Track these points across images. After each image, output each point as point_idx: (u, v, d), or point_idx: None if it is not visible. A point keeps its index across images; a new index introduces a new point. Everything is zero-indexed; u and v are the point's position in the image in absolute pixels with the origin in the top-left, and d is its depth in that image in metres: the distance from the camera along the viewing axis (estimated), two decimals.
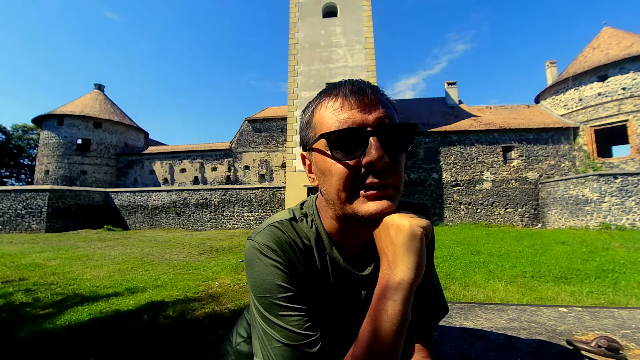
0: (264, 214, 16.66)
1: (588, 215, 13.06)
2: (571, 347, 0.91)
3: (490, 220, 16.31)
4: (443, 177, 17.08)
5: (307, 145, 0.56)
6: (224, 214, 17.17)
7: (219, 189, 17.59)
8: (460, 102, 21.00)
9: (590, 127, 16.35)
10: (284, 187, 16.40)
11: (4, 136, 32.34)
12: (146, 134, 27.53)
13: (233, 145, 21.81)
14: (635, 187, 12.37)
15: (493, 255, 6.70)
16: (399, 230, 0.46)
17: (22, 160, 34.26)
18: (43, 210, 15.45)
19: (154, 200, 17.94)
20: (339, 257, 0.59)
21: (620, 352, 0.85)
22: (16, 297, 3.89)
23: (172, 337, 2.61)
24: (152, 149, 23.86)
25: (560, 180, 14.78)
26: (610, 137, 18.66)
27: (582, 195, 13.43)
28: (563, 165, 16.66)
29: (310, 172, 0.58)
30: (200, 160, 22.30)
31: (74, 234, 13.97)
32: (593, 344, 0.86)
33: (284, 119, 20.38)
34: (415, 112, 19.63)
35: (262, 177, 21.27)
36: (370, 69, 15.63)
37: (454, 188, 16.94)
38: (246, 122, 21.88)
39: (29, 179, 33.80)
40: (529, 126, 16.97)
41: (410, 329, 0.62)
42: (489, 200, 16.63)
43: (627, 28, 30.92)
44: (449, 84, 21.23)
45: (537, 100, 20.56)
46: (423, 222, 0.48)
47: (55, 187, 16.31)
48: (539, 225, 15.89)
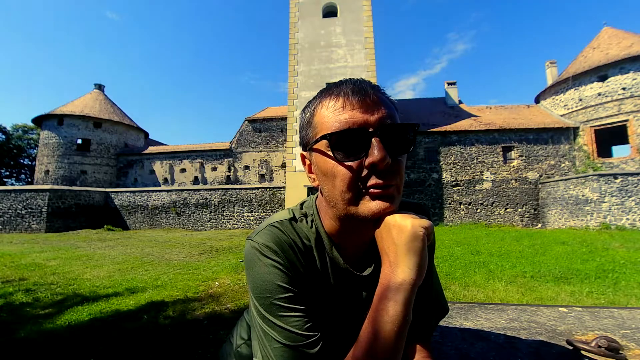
0: (264, 214, 16.66)
1: (588, 215, 13.06)
2: (571, 347, 0.91)
3: (490, 220, 16.31)
4: (443, 177, 17.08)
5: (307, 145, 0.55)
6: (224, 214, 17.17)
7: (219, 189, 17.59)
8: (460, 102, 21.00)
9: (590, 127, 16.35)
10: (284, 187, 16.40)
11: (4, 136, 32.36)
12: (146, 134, 27.54)
13: (233, 145, 21.81)
14: (635, 187, 12.37)
15: (493, 255, 6.70)
16: (400, 230, 0.46)
17: (22, 160, 34.28)
18: (43, 210, 15.45)
19: (154, 200, 17.94)
20: (338, 257, 0.59)
21: (620, 352, 0.85)
22: (16, 297, 3.89)
23: (172, 337, 2.61)
24: (152, 149, 23.86)
25: (560, 180, 14.78)
26: (610, 137, 18.66)
27: (582, 195, 13.43)
28: (563, 165, 16.65)
29: (310, 172, 0.57)
30: (200, 160, 22.30)
31: (74, 234, 13.97)
32: (593, 344, 0.86)
33: (284, 119, 20.39)
34: (415, 112, 19.63)
35: (262, 177, 21.28)
36: (370, 69, 15.64)
37: (454, 188, 16.94)
38: (246, 122, 21.88)
39: (29, 179, 33.81)
40: (529, 126, 16.97)
41: (410, 329, 0.62)
42: (489, 200, 16.63)
43: (627, 28, 30.94)
44: (449, 84, 21.23)
45: (537, 100, 20.56)
46: (425, 222, 0.47)
47: (55, 187, 16.31)
48: (539, 225, 15.89)
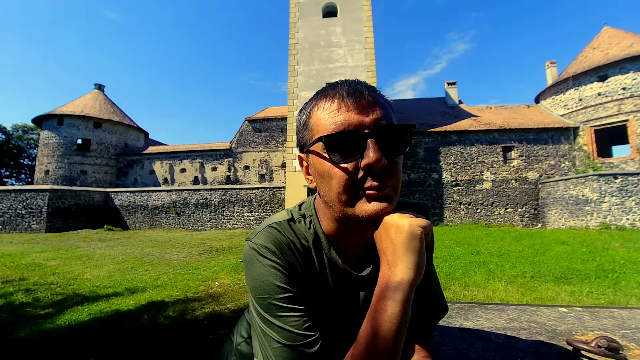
0: (264, 214, 16.66)
1: (588, 215, 13.06)
2: (571, 347, 0.91)
3: (490, 220, 16.31)
4: (443, 177, 17.07)
5: (304, 147, 0.55)
6: (224, 214, 17.17)
7: (219, 189, 17.58)
8: (460, 102, 21.00)
9: (590, 127, 16.35)
10: (284, 187, 16.40)
11: (4, 136, 32.35)
12: (146, 134, 27.54)
13: (233, 145, 21.81)
14: (635, 187, 12.37)
15: (493, 255, 6.70)
16: (398, 230, 0.46)
17: (22, 160, 34.27)
18: (43, 210, 15.45)
19: (154, 200, 17.94)
20: (337, 258, 0.59)
21: (620, 352, 0.85)
22: (16, 297, 3.89)
23: (172, 337, 2.61)
24: (152, 149, 23.85)
25: (560, 180, 14.78)
26: (610, 137, 18.66)
27: (582, 195, 13.42)
28: (563, 165, 16.65)
29: (307, 173, 0.58)
30: (200, 160, 22.30)
31: (74, 234, 13.97)
32: (593, 344, 0.86)
33: (284, 119, 20.39)
34: (415, 112, 19.62)
35: (262, 177, 21.28)
36: (370, 69, 15.63)
37: (454, 188, 16.94)
38: (246, 122, 21.88)
39: (29, 179, 33.81)
40: (529, 126, 16.96)
41: (410, 329, 0.62)
42: (489, 200, 16.63)
43: (627, 28, 30.92)
44: (449, 84, 21.23)
45: (537, 100, 20.56)
46: (423, 221, 0.48)
47: (55, 187, 16.30)
48: (539, 225, 15.88)
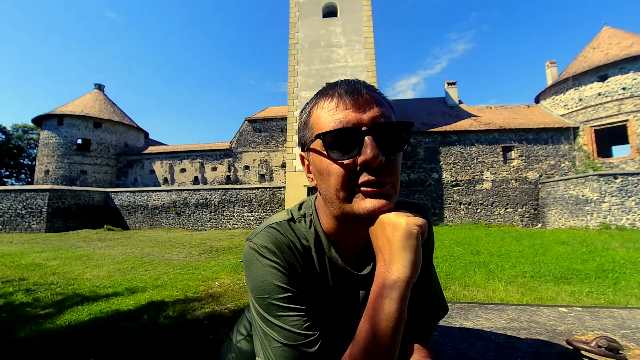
0: (264, 214, 16.66)
1: (588, 215, 13.06)
2: (571, 347, 0.91)
3: (490, 220, 16.31)
4: (443, 177, 17.07)
5: (304, 145, 0.56)
6: (224, 214, 17.17)
7: (219, 189, 17.58)
8: (460, 102, 20.99)
9: (590, 127, 16.35)
10: (284, 187, 16.40)
11: (4, 136, 32.34)
12: (146, 134, 27.54)
13: (233, 145, 21.81)
14: (635, 187, 12.37)
15: (493, 255, 6.70)
16: (395, 228, 0.47)
17: (22, 160, 34.26)
18: (43, 210, 15.45)
19: (154, 200, 17.94)
20: (337, 257, 0.59)
21: (620, 352, 0.85)
22: (16, 297, 3.89)
23: (172, 337, 2.61)
24: (152, 149, 23.85)
25: (560, 180, 14.78)
26: (610, 137, 18.67)
27: (582, 195, 13.42)
28: (563, 165, 16.65)
29: (309, 172, 0.58)
30: (200, 160, 22.30)
31: (74, 233, 13.97)
32: (593, 344, 0.86)
33: (284, 119, 20.39)
34: (415, 112, 19.62)
35: (262, 177, 21.28)
36: (370, 69, 15.63)
37: (454, 188, 16.94)
38: (246, 122, 21.88)
39: (29, 179, 33.81)
40: (529, 126, 16.96)
41: (410, 328, 0.62)
42: (489, 200, 16.63)
43: (627, 28, 30.91)
44: (449, 84, 21.23)
45: (537, 100, 20.56)
46: (419, 220, 0.48)
47: (55, 187, 16.30)
48: (539, 225, 15.89)
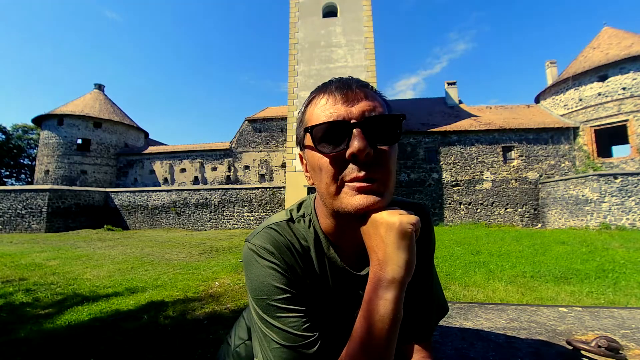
0: (264, 214, 16.66)
1: (588, 215, 13.05)
2: (571, 347, 0.91)
3: (490, 220, 16.30)
4: (443, 177, 17.07)
5: (301, 143, 0.57)
6: (224, 213, 17.17)
7: (219, 189, 17.58)
8: (460, 102, 20.99)
9: (590, 127, 16.35)
10: (284, 187, 16.39)
11: (4, 136, 32.33)
12: (146, 134, 27.53)
13: (233, 145, 21.81)
14: (635, 187, 12.37)
15: (493, 255, 6.70)
16: (389, 227, 0.45)
17: (22, 160, 34.24)
18: (43, 210, 15.44)
19: (154, 200, 17.94)
20: (336, 257, 0.58)
21: (620, 352, 0.85)
22: (16, 297, 3.89)
23: (172, 337, 2.61)
24: (152, 149, 23.85)
25: (560, 180, 14.77)
26: (610, 137, 18.66)
27: (582, 195, 13.42)
28: (563, 165, 16.65)
29: (306, 171, 0.58)
30: (200, 160, 22.30)
31: (74, 233, 13.97)
32: (593, 344, 0.86)
33: (284, 118, 20.38)
34: (415, 112, 19.62)
35: (262, 177, 21.27)
36: (370, 69, 15.62)
37: (454, 188, 16.94)
38: (246, 122, 21.88)
39: (29, 179, 33.79)
40: (529, 126, 16.96)
41: (410, 329, 0.62)
42: (489, 200, 16.62)
43: (627, 28, 30.91)
44: (449, 83, 21.23)
45: (537, 100, 20.55)
46: (413, 218, 0.46)
47: (55, 187, 16.30)
48: (539, 225, 15.88)
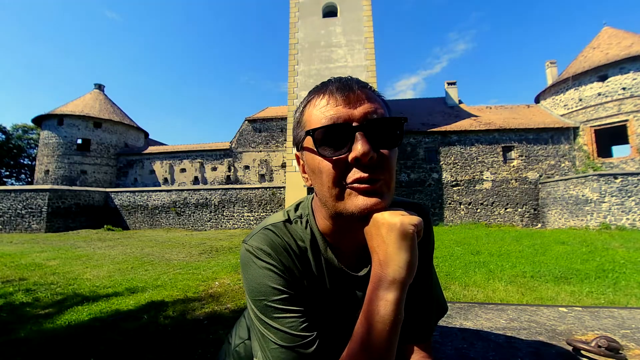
0: (264, 214, 16.66)
1: (588, 215, 13.05)
2: (571, 347, 0.91)
3: (490, 220, 16.30)
4: (443, 177, 17.07)
5: (299, 144, 0.56)
6: (224, 213, 17.17)
7: (219, 189, 17.58)
8: (461, 102, 20.99)
9: (590, 127, 16.34)
10: (284, 187, 16.39)
11: (4, 136, 32.32)
12: (146, 134, 27.53)
13: (233, 145, 21.81)
14: (635, 187, 12.36)
15: (493, 255, 6.70)
16: (390, 228, 0.45)
17: (22, 160, 34.24)
18: (43, 210, 15.44)
19: (154, 200, 17.94)
20: (333, 258, 0.58)
21: (620, 352, 0.85)
22: (16, 297, 3.89)
23: (172, 337, 2.61)
24: (152, 149, 23.85)
25: (560, 180, 14.77)
26: (610, 137, 18.65)
27: (582, 195, 13.42)
28: (563, 165, 16.65)
29: (304, 172, 0.57)
30: (200, 160, 22.30)
31: (74, 233, 13.97)
32: (593, 344, 0.86)
33: (284, 119, 20.38)
34: (415, 112, 19.61)
35: (262, 177, 21.27)
36: (370, 69, 15.62)
37: (454, 188, 16.94)
38: (246, 122, 21.87)
39: (29, 179, 33.79)
40: (529, 126, 16.96)
41: (409, 329, 0.62)
42: (489, 200, 16.62)
43: (627, 28, 30.93)
44: (449, 83, 21.23)
45: (537, 100, 20.55)
46: (415, 219, 0.46)
47: (55, 187, 16.30)
48: (539, 225, 15.88)
